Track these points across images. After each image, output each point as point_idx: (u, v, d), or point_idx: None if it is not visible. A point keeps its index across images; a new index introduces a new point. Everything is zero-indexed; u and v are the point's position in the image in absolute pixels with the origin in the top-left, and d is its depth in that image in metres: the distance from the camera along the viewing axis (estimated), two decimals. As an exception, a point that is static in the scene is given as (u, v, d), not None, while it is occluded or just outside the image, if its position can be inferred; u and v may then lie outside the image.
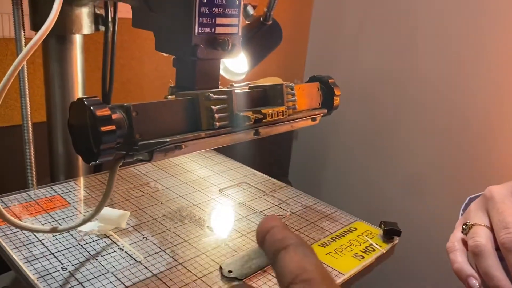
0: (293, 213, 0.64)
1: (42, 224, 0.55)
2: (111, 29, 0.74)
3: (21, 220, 0.53)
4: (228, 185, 0.71)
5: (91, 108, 0.36)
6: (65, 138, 0.73)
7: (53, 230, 0.44)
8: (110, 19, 0.73)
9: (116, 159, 0.40)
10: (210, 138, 0.43)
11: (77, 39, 0.70)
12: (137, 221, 0.58)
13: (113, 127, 0.37)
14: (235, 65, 0.73)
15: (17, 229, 0.53)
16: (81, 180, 0.69)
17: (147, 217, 0.59)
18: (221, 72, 0.74)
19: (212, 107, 0.43)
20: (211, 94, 0.43)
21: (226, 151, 0.85)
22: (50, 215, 0.57)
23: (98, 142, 0.37)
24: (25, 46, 0.43)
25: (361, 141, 1.34)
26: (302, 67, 1.45)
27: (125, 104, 0.39)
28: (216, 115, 0.43)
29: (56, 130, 0.73)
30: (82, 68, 0.72)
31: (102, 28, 0.73)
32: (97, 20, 0.72)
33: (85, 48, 0.73)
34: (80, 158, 0.74)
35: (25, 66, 0.69)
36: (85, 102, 0.37)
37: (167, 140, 0.40)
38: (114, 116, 0.38)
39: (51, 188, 0.64)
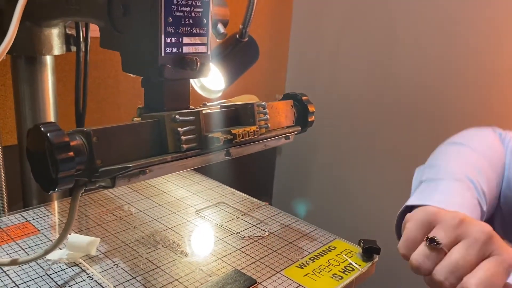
0: (271, 233, 0.63)
1: (7, 254, 0.52)
2: (83, 49, 0.73)
3: (-15, 250, 0.51)
4: (205, 206, 0.69)
5: (48, 135, 0.35)
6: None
7: (13, 262, 0.42)
8: (82, 39, 0.72)
9: (77, 186, 0.39)
10: (177, 161, 0.42)
11: (48, 60, 0.68)
12: (109, 247, 0.56)
13: (72, 154, 0.35)
14: (212, 83, 0.72)
15: (-19, 260, 0.50)
16: (55, 205, 0.66)
17: (119, 242, 0.57)
18: (198, 90, 0.73)
19: (179, 129, 0.42)
20: (177, 116, 0.42)
21: (205, 171, 0.84)
22: (17, 244, 0.55)
23: (56, 170, 0.35)
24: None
25: (343, 156, 1.33)
26: (283, 82, 1.45)
27: (85, 129, 0.38)
28: (183, 137, 0.42)
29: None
30: (53, 90, 0.71)
31: (73, 48, 0.72)
32: (68, 40, 0.70)
33: (59, 69, 0.72)
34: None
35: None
36: (42, 129, 0.35)
37: (130, 165, 0.38)
38: (73, 143, 0.36)
39: (20, 215, 0.62)
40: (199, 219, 0.65)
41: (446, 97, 1.09)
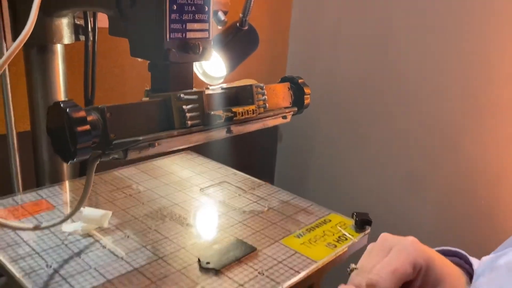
0: (270, 208, 0.67)
1: (27, 226, 0.57)
2: (91, 38, 0.77)
3: (6, 223, 0.55)
4: (209, 185, 0.73)
5: (67, 110, 0.39)
6: (49, 145, 0.75)
7: (36, 227, 0.47)
8: (90, 28, 0.75)
9: (93, 158, 0.43)
10: (183, 136, 0.46)
11: (58, 48, 0.72)
12: (119, 221, 0.60)
13: (88, 127, 0.39)
14: (214, 70, 0.76)
15: (2, 231, 0.55)
16: (66, 184, 0.71)
17: (129, 217, 0.61)
18: (200, 76, 0.77)
19: (184, 107, 0.46)
20: (182, 95, 0.46)
21: (209, 155, 0.88)
22: (35, 218, 0.59)
23: (74, 141, 0.39)
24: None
25: (344, 140, 1.37)
26: (284, 68, 1.49)
27: (100, 106, 0.42)
28: (188, 114, 0.46)
29: (40, 138, 0.75)
30: (64, 77, 0.75)
31: (82, 37, 0.75)
32: (77, 30, 0.74)
33: (68, 58, 0.76)
34: (64, 164, 0.77)
35: (8, 76, 0.72)
36: (62, 105, 0.40)
37: (140, 138, 0.42)
38: (89, 118, 0.40)
39: (36, 193, 0.66)
40: (203, 196, 0.69)
41: (447, 87, 1.13)
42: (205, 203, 0.68)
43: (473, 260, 0.49)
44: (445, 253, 0.50)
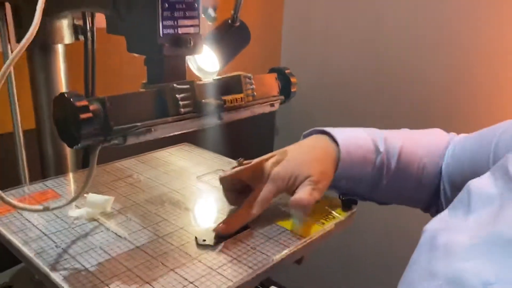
0: (263, 192, 0.71)
1: (36, 212, 0.61)
2: (90, 38, 0.81)
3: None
4: (205, 173, 0.77)
5: (71, 99, 0.43)
6: (53, 140, 0.80)
7: (46, 208, 0.51)
8: (88, 28, 0.80)
9: (95, 143, 0.47)
10: (177, 122, 0.51)
11: (59, 48, 0.77)
12: (122, 206, 0.64)
13: (91, 114, 0.44)
14: (208, 65, 0.80)
15: (14, 217, 0.59)
16: (71, 175, 0.75)
17: (130, 202, 0.66)
18: (195, 71, 0.81)
19: (177, 95, 0.50)
20: (175, 85, 0.50)
21: (206, 148, 0.92)
22: (43, 205, 0.63)
23: (78, 128, 0.43)
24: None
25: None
26: (278, 64, 1.53)
27: (100, 97, 0.46)
28: (181, 103, 0.50)
29: (45, 133, 0.79)
30: (65, 76, 0.79)
31: (82, 37, 0.80)
32: (77, 30, 0.78)
33: (69, 58, 0.80)
34: (68, 158, 0.81)
35: (13, 76, 0.76)
36: (66, 95, 0.44)
37: (138, 124, 0.47)
38: (91, 107, 0.45)
39: (43, 183, 0.71)
40: (200, 183, 0.74)
41: (441, 79, 1.17)
42: (202, 189, 0.72)
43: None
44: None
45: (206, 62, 0.79)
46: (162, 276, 0.50)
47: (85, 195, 0.63)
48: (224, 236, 0.56)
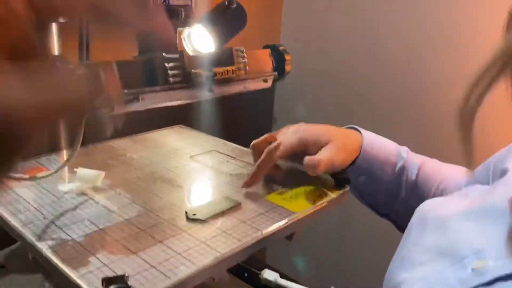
0: (257, 172, 0.70)
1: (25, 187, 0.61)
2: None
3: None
4: (199, 153, 0.77)
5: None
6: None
7: (33, 177, 0.50)
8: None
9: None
10: (166, 92, 0.50)
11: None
12: (113, 182, 0.64)
13: (76, 79, 0.43)
14: (204, 47, 0.79)
15: (4, 191, 0.59)
16: (64, 153, 0.75)
17: (122, 179, 0.65)
18: (190, 53, 0.80)
19: (166, 64, 0.50)
20: (164, 54, 0.50)
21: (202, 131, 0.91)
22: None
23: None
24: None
25: (337, 119, 1.40)
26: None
27: (90, 62, 0.46)
28: (170, 72, 0.50)
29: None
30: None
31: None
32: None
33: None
34: (61, 135, 0.80)
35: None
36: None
37: (125, 91, 0.46)
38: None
39: (35, 160, 0.70)
40: (193, 162, 0.73)
41: (438, 73, 1.16)
42: (194, 167, 0.71)
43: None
44: None
45: (201, 44, 0.78)
46: (150, 247, 0.49)
47: (75, 169, 0.62)
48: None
